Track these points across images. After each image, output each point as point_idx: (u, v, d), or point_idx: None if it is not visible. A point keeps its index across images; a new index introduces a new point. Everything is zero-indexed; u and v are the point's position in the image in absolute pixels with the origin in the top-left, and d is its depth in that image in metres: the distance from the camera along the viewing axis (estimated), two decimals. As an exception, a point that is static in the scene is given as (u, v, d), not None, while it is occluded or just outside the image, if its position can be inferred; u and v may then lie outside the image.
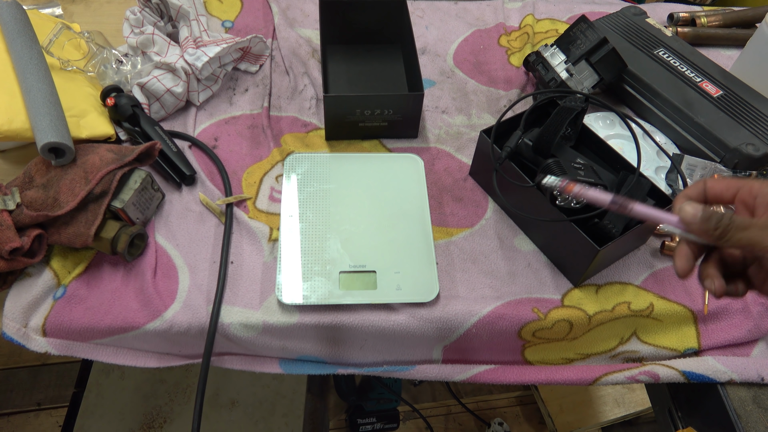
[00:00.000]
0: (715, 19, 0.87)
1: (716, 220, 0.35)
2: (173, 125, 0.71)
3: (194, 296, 0.56)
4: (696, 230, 0.36)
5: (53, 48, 0.66)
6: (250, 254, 0.60)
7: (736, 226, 0.34)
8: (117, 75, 0.70)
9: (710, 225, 0.35)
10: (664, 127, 0.74)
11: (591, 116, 0.74)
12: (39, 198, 0.55)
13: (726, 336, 0.58)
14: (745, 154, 0.66)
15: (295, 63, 0.80)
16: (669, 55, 0.78)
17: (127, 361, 0.57)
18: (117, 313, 0.55)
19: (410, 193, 0.65)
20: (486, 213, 0.66)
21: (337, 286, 0.57)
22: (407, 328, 0.56)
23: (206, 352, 0.54)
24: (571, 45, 0.73)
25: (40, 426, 1.22)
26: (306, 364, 0.59)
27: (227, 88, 0.77)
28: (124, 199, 0.57)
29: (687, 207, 0.36)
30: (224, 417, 0.93)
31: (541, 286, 0.59)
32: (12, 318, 0.54)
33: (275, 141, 0.71)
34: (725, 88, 0.73)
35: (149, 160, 0.61)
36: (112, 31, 0.78)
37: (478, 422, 1.33)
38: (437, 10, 0.91)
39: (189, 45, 0.72)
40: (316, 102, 0.76)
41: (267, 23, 0.86)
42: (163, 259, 0.59)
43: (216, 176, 0.67)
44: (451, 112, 0.77)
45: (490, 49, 0.85)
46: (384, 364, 0.60)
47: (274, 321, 0.55)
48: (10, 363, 1.30)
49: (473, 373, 0.58)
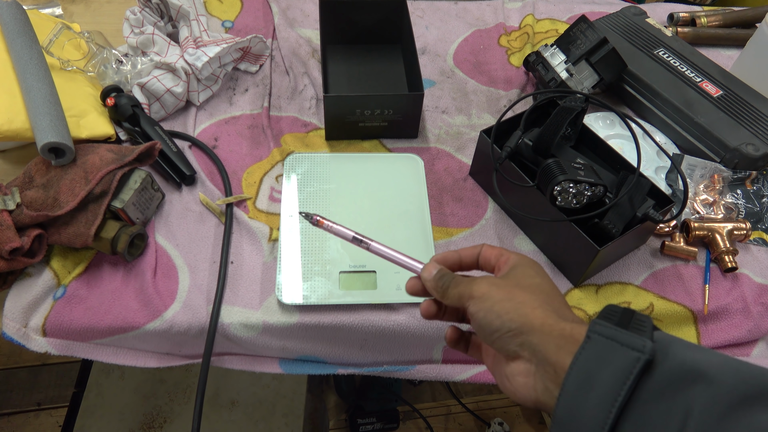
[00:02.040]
0: (715, 19, 0.87)
1: (443, 280, 0.38)
2: (173, 125, 0.71)
3: (194, 296, 0.56)
4: (430, 287, 0.39)
5: (53, 48, 0.66)
6: (250, 254, 0.60)
7: (452, 283, 0.38)
8: (117, 75, 0.70)
9: (438, 284, 0.38)
10: (664, 127, 0.74)
11: (591, 116, 0.74)
12: (39, 198, 0.55)
13: (726, 336, 0.58)
14: (745, 154, 0.66)
15: (295, 63, 0.80)
16: (669, 55, 0.78)
17: (127, 361, 0.57)
18: (117, 313, 0.55)
19: (410, 193, 0.65)
20: (486, 213, 0.66)
21: (337, 286, 0.57)
22: (407, 328, 0.56)
23: (206, 352, 0.54)
24: (571, 45, 0.73)
25: (40, 426, 1.21)
26: (306, 364, 0.59)
27: (227, 88, 0.77)
28: (124, 199, 0.57)
29: (428, 266, 0.40)
30: (224, 417, 0.93)
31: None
32: (12, 318, 0.54)
33: (275, 141, 0.71)
34: (725, 88, 0.73)
35: (149, 160, 0.61)
36: (112, 31, 0.78)
37: (478, 422, 1.33)
38: (437, 10, 0.91)
39: (189, 45, 0.72)
40: (316, 102, 0.76)
41: (267, 23, 0.86)
42: (163, 259, 0.59)
43: (216, 176, 0.67)
44: (451, 112, 0.77)
45: (490, 49, 0.85)
46: (384, 364, 0.60)
47: (274, 321, 0.55)
48: (10, 363, 1.30)
49: (473, 373, 0.58)
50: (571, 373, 0.29)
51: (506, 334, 0.33)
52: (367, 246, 0.43)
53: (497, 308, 0.34)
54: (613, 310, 0.31)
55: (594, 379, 0.28)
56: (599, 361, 0.29)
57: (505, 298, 0.34)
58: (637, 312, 0.31)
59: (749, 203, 0.67)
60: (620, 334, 0.29)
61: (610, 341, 0.29)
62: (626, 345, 0.28)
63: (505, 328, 0.33)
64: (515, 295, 0.34)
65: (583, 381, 0.29)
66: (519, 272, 0.37)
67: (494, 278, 0.37)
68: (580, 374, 0.29)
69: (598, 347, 0.29)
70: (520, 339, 0.33)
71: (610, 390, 0.28)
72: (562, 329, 0.31)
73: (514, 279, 0.36)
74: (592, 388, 0.28)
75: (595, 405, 0.28)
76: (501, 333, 0.34)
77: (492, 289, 0.35)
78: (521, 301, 0.34)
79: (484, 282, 0.36)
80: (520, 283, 0.36)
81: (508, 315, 0.33)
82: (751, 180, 0.68)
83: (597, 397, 0.28)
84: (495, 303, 0.34)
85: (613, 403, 0.27)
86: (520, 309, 0.33)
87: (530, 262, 0.38)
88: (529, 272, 0.37)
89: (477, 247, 0.41)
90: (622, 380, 0.27)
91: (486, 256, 0.40)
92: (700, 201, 0.66)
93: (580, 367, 0.29)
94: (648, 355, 0.28)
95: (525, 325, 0.33)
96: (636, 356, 0.28)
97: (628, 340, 0.29)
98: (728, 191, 0.67)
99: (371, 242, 0.42)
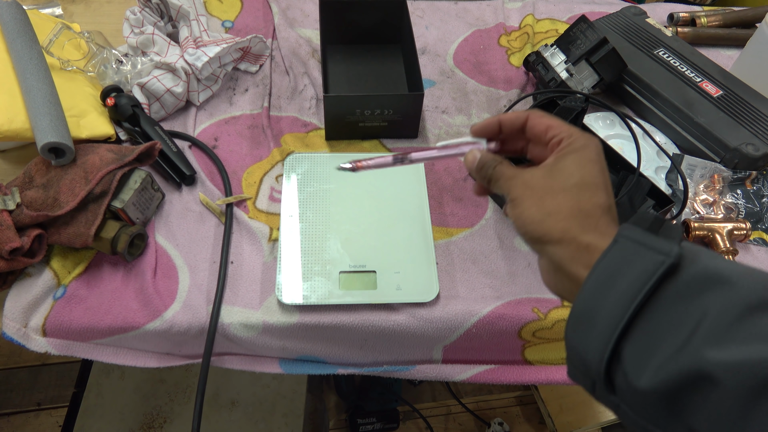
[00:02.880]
0: (715, 19, 0.87)
1: (483, 170, 0.40)
2: (173, 125, 0.71)
3: (194, 296, 0.56)
4: (474, 175, 0.41)
5: (53, 48, 0.66)
6: (250, 254, 0.60)
7: (493, 176, 0.39)
8: (117, 75, 0.70)
9: (482, 173, 0.40)
10: (664, 127, 0.74)
11: (591, 116, 0.74)
12: (39, 198, 0.55)
13: (726, 336, 0.58)
14: (745, 154, 0.66)
15: (295, 63, 0.80)
16: (669, 55, 0.78)
17: (127, 361, 0.57)
18: (117, 313, 0.55)
19: (410, 193, 0.65)
20: (486, 213, 0.66)
21: (337, 286, 0.57)
22: (407, 328, 0.56)
23: (206, 352, 0.54)
24: (571, 45, 0.73)
25: (40, 426, 1.22)
26: (306, 364, 0.59)
27: (227, 88, 0.77)
28: (124, 199, 0.57)
29: (469, 156, 0.42)
30: (224, 417, 0.93)
31: (541, 286, 0.59)
32: (12, 318, 0.54)
33: (275, 141, 0.71)
34: (725, 88, 0.73)
35: (149, 160, 0.61)
36: (112, 31, 0.77)
37: (478, 422, 1.33)
38: (437, 10, 0.91)
39: (189, 45, 0.72)
40: (316, 102, 0.76)
41: (267, 23, 0.86)
42: (163, 259, 0.59)
43: (216, 176, 0.67)
44: (451, 112, 0.77)
45: (490, 49, 0.85)
46: (384, 364, 0.60)
47: (274, 321, 0.55)
48: (10, 363, 1.30)
49: (473, 373, 0.58)
50: (594, 272, 0.30)
51: (530, 241, 0.36)
52: (409, 160, 0.44)
53: (525, 216, 0.36)
54: (644, 217, 0.31)
55: (616, 279, 0.29)
56: (624, 262, 0.29)
57: (534, 206, 0.35)
58: (668, 220, 0.31)
59: (749, 203, 0.67)
60: (648, 238, 0.29)
61: (637, 244, 0.29)
62: (653, 249, 0.29)
63: (528, 236, 0.36)
64: (546, 203, 0.35)
65: (606, 280, 0.29)
66: (561, 167, 0.36)
67: (531, 178, 0.37)
68: (603, 273, 0.30)
69: (624, 250, 0.30)
70: (540, 247, 0.35)
71: (631, 289, 0.28)
72: (580, 243, 0.33)
73: (551, 179, 0.36)
74: (613, 287, 0.29)
75: (613, 302, 0.28)
76: (526, 238, 0.36)
77: (525, 193, 0.36)
78: (549, 211, 0.35)
79: (519, 185, 0.37)
80: (554, 186, 0.35)
81: (532, 225, 0.35)
82: (751, 180, 0.68)
83: (616, 294, 0.29)
84: (524, 210, 0.36)
85: (632, 300, 0.28)
86: (545, 221, 0.34)
87: (577, 152, 0.36)
88: (570, 168, 0.36)
89: (521, 114, 0.40)
90: (643, 281, 0.28)
91: (534, 130, 0.39)
92: (700, 201, 0.66)
93: (604, 267, 0.30)
94: (673, 259, 0.28)
95: (546, 236, 0.34)
96: (661, 259, 0.28)
97: (656, 244, 0.29)
98: (728, 191, 0.67)
99: (411, 155, 0.44)
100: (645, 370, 0.27)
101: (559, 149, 0.37)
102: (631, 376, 0.27)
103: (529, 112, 0.40)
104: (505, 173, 0.38)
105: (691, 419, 0.25)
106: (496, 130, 0.42)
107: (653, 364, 0.26)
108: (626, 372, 0.28)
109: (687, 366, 0.25)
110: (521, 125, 0.40)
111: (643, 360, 0.27)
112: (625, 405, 0.29)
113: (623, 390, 0.28)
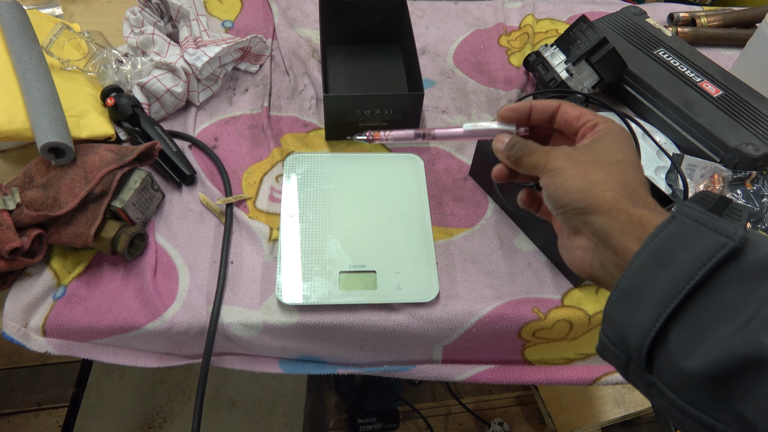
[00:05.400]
0: (715, 19, 0.87)
1: (515, 149, 0.39)
2: (173, 125, 0.71)
3: (194, 296, 0.56)
4: (502, 158, 0.40)
5: (53, 48, 0.66)
6: (250, 254, 0.60)
7: (527, 152, 0.38)
8: (117, 75, 0.70)
9: (511, 153, 0.39)
10: (664, 127, 0.74)
11: (591, 116, 0.74)
12: (39, 198, 0.55)
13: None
14: (745, 154, 0.66)
15: (295, 63, 0.80)
16: (669, 55, 0.78)
17: (127, 361, 0.57)
18: (117, 313, 0.55)
19: (410, 193, 0.65)
20: (486, 213, 0.66)
21: (337, 286, 0.57)
22: (407, 328, 0.56)
23: (206, 352, 0.54)
24: (571, 45, 0.73)
25: (40, 426, 1.22)
26: (306, 364, 0.59)
27: (227, 88, 0.77)
28: (124, 199, 0.57)
29: (500, 136, 0.40)
30: (224, 417, 0.93)
31: (541, 286, 0.59)
32: (12, 318, 0.54)
33: (275, 141, 0.71)
34: (725, 88, 0.73)
35: (149, 160, 0.61)
36: (112, 31, 0.78)
37: (478, 422, 1.33)
38: (437, 10, 0.91)
39: (189, 45, 0.72)
40: (316, 102, 0.76)
41: (267, 23, 0.86)
42: (163, 259, 0.59)
43: (216, 176, 0.67)
44: (451, 112, 0.77)
45: (490, 49, 0.85)
46: (384, 364, 0.60)
47: (274, 321, 0.55)
48: (10, 363, 1.30)
49: (473, 373, 0.58)
50: (647, 246, 0.29)
51: (572, 212, 0.34)
52: (432, 136, 0.44)
53: (568, 185, 0.34)
54: (707, 195, 0.29)
55: (672, 256, 0.28)
56: (681, 240, 0.28)
57: (578, 176, 0.34)
58: (734, 201, 0.29)
59: (749, 203, 0.67)
60: (710, 219, 0.28)
61: (698, 224, 0.28)
62: (715, 230, 0.27)
63: (571, 206, 0.34)
64: (590, 174, 0.34)
65: (660, 256, 0.28)
66: (601, 146, 0.35)
67: (572, 151, 0.36)
68: (658, 249, 0.28)
69: (684, 226, 0.28)
70: (584, 218, 0.33)
71: (688, 268, 0.27)
72: (631, 214, 0.31)
73: (593, 154, 0.35)
74: (667, 265, 0.27)
75: (667, 280, 0.27)
76: (567, 209, 0.34)
77: (567, 163, 0.35)
78: (594, 181, 0.33)
79: (560, 155, 0.35)
80: (598, 160, 0.34)
81: (577, 194, 0.33)
82: (751, 180, 0.68)
83: (671, 272, 0.27)
84: (567, 179, 0.34)
85: (688, 280, 0.26)
86: (591, 189, 0.33)
87: (615, 134, 0.36)
88: (611, 147, 0.35)
89: (552, 102, 0.39)
90: (702, 261, 0.26)
91: (566, 117, 0.39)
92: (700, 201, 0.66)
93: (659, 243, 0.28)
94: (736, 243, 0.26)
95: (592, 206, 0.32)
96: (723, 241, 0.26)
97: (718, 225, 0.27)
98: (728, 191, 0.67)
99: (435, 131, 0.44)
100: (695, 351, 0.26)
101: (595, 131, 0.36)
102: (677, 356, 0.26)
103: (561, 101, 0.39)
104: (540, 148, 0.37)
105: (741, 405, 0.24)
106: (526, 116, 0.40)
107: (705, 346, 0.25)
108: (671, 351, 0.27)
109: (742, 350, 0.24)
110: (552, 113, 0.40)
111: (694, 341, 0.26)
112: (663, 384, 0.28)
113: (665, 370, 0.27)
